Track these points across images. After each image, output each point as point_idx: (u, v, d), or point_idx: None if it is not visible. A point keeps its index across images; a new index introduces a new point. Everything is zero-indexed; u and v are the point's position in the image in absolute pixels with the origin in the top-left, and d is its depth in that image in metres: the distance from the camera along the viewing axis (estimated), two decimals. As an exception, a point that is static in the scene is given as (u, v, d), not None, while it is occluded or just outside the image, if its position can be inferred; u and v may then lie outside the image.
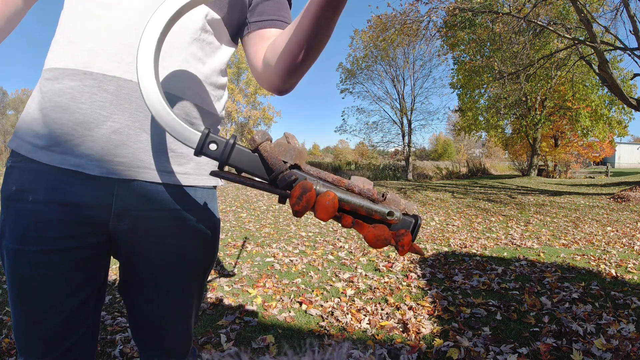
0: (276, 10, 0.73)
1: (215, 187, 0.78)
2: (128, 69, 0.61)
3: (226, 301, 2.39)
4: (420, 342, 1.86)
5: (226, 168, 0.54)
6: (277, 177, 0.47)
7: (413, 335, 1.93)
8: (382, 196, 0.51)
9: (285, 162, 0.49)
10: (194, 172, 0.71)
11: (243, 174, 0.51)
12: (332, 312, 2.24)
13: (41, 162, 0.63)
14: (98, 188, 0.64)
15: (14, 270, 0.64)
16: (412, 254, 3.61)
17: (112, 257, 0.74)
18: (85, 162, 0.62)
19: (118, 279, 0.78)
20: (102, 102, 0.61)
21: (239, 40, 0.79)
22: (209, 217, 0.75)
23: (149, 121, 0.64)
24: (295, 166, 0.50)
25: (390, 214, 0.48)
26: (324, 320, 2.13)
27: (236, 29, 0.75)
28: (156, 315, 0.74)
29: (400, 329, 2.01)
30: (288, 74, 0.65)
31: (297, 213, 0.46)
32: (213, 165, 0.75)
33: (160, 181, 0.67)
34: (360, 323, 2.09)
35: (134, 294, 0.74)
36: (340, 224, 0.48)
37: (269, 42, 0.70)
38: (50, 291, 0.64)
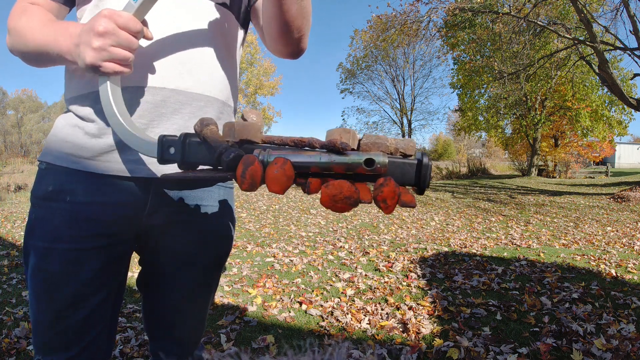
0: None
1: (232, 187, 0.84)
2: (158, 77, 0.64)
3: (226, 301, 2.39)
4: (420, 342, 1.86)
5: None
6: (219, 159, 0.42)
7: (413, 335, 1.93)
8: (359, 144, 0.40)
9: (228, 142, 0.43)
10: None
11: (189, 170, 0.48)
12: (332, 312, 2.24)
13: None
14: (135, 187, 0.67)
15: (41, 267, 0.66)
16: (413, 254, 3.61)
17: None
18: (128, 168, 0.66)
19: (137, 273, 0.82)
20: (142, 112, 0.64)
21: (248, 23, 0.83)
22: (229, 213, 0.80)
23: (184, 122, 0.68)
24: (244, 142, 0.44)
25: (369, 162, 0.37)
26: (324, 320, 2.13)
27: (244, 14, 0.78)
28: (174, 305, 0.78)
29: (400, 329, 2.01)
30: (284, 35, 0.67)
31: (248, 191, 0.40)
32: None
33: None
34: (360, 323, 2.09)
35: (154, 284, 0.78)
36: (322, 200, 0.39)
37: None
38: (77, 288, 0.66)
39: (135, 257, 0.79)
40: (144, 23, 0.59)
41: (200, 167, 0.50)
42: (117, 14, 0.53)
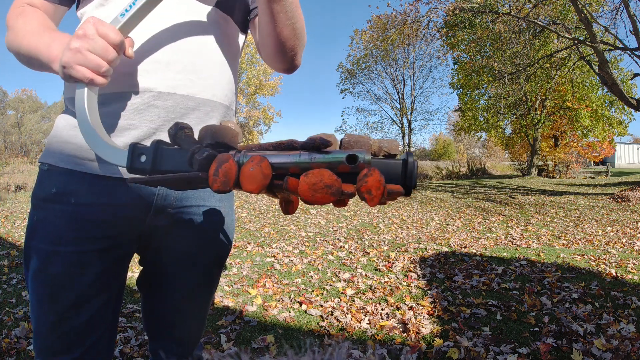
0: None
1: None
2: (170, 83, 0.65)
3: (226, 301, 2.39)
4: (420, 342, 1.86)
5: None
6: (192, 159, 0.40)
7: (413, 335, 1.93)
8: (340, 143, 0.39)
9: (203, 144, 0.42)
10: None
11: (158, 174, 0.46)
12: (332, 312, 2.24)
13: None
14: (142, 189, 0.68)
15: (45, 270, 0.65)
16: (413, 254, 3.61)
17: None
18: None
19: (137, 273, 0.83)
20: (151, 116, 0.65)
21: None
22: (229, 213, 0.81)
23: (192, 127, 0.68)
24: (222, 145, 0.42)
25: (352, 158, 0.36)
26: (324, 320, 2.13)
27: (244, 22, 0.80)
28: (175, 304, 0.78)
29: (400, 329, 2.01)
30: (278, 53, 0.70)
31: (220, 191, 0.38)
32: None
33: None
34: (360, 323, 2.09)
35: (155, 285, 0.78)
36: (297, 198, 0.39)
37: None
38: (80, 290, 0.66)
39: (135, 257, 0.79)
40: (130, 42, 0.59)
41: None
42: (100, 22, 0.54)
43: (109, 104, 0.64)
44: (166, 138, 0.65)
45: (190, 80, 0.67)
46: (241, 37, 0.79)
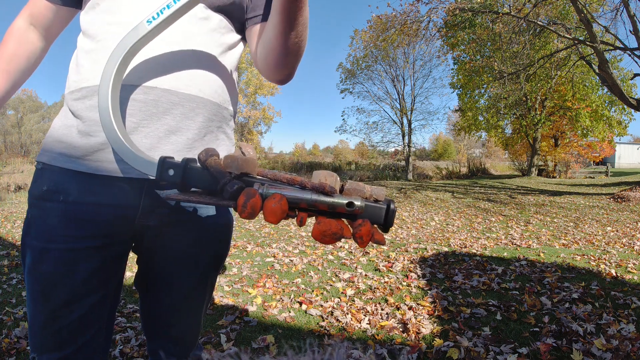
0: (266, 4, 0.75)
1: None
2: (151, 77, 0.65)
3: (226, 301, 2.39)
4: (420, 342, 1.86)
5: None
6: (223, 189, 0.48)
7: (413, 335, 1.93)
8: (341, 187, 0.49)
9: (230, 173, 0.50)
10: None
11: (192, 194, 0.53)
12: (332, 312, 2.24)
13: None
14: (129, 188, 0.67)
15: (37, 267, 0.66)
16: (413, 254, 3.61)
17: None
18: (119, 168, 0.65)
19: (134, 273, 0.82)
20: (132, 110, 0.64)
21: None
22: (225, 214, 0.79)
23: (175, 122, 0.67)
24: (243, 175, 0.50)
25: (350, 204, 0.46)
26: (324, 320, 2.13)
27: (239, 21, 0.79)
28: (171, 304, 0.77)
29: (400, 329, 2.01)
30: (278, 66, 0.69)
31: (247, 219, 0.46)
32: None
33: None
34: (360, 323, 2.09)
35: (150, 285, 0.78)
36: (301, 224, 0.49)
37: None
38: (71, 288, 0.66)
39: (134, 257, 0.79)
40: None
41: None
42: None
43: (91, 97, 0.64)
44: (149, 134, 0.66)
45: (174, 75, 0.66)
46: (238, 38, 0.77)
